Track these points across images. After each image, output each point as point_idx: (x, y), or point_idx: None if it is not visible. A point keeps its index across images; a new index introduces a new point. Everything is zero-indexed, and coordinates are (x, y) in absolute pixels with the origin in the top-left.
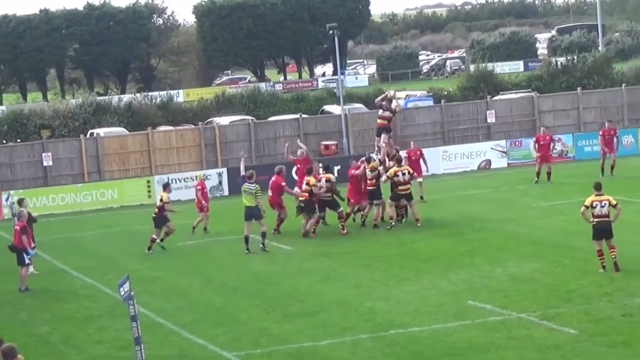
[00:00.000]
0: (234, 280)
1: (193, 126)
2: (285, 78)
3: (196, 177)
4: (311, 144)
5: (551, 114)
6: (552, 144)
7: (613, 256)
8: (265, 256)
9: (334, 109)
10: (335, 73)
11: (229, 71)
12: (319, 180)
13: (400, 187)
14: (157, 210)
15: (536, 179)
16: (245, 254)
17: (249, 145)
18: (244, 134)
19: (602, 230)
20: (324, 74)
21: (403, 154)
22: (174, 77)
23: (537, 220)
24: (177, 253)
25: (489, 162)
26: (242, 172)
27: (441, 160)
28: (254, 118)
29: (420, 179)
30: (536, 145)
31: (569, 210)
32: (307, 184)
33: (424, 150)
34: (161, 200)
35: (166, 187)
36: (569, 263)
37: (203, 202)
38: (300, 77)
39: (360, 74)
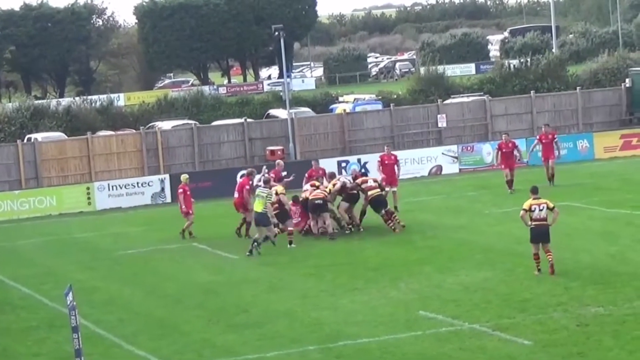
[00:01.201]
0: (177, 290)
1: (134, 131)
2: (229, 81)
3: (181, 180)
4: (256, 149)
5: (504, 118)
6: (515, 150)
7: (550, 259)
8: (210, 265)
9: (280, 113)
10: (281, 76)
11: (172, 74)
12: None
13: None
14: (276, 204)
15: (509, 189)
16: (246, 255)
17: (192, 151)
18: (187, 139)
19: (540, 234)
20: (269, 77)
21: (376, 158)
22: (114, 80)
23: (489, 227)
24: (118, 262)
25: (440, 167)
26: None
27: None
28: (197, 122)
29: (394, 188)
30: (499, 153)
31: None
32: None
33: (370, 157)
34: (276, 193)
35: (267, 182)
36: (522, 271)
37: (183, 206)
38: (244, 80)
39: (307, 77)
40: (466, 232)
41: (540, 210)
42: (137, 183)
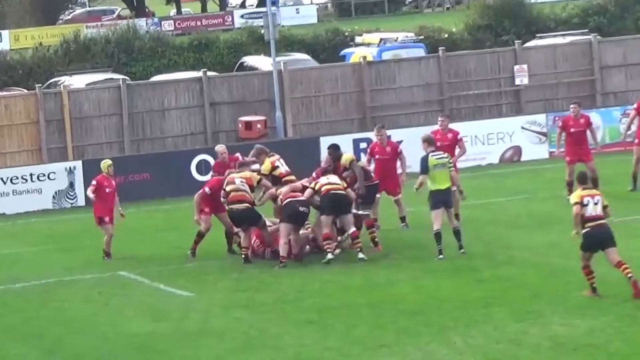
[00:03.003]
0: (94, 348)
1: (26, 91)
2: (178, 11)
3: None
4: (222, 121)
5: (620, 71)
6: (589, 131)
7: (628, 273)
8: (148, 307)
9: (261, 61)
10: (262, 3)
11: (86, 0)
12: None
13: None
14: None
15: (568, 194)
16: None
17: (119, 123)
18: (111, 105)
19: (601, 238)
20: (243, 4)
21: (415, 133)
22: None
23: None
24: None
25: (518, 149)
26: None
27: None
28: (127, 77)
29: (397, 197)
30: (563, 135)
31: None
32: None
33: (406, 133)
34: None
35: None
36: None
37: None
38: (203, 9)
39: (304, 4)
40: (560, 255)
41: (595, 204)
42: (31, 175)
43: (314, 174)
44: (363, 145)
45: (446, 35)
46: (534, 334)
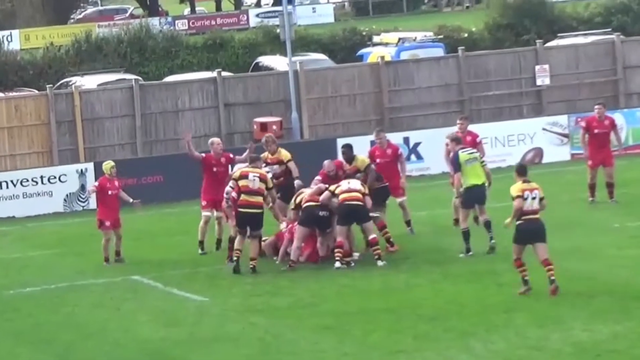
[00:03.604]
0: (107, 353)
1: (36, 92)
2: (192, 10)
3: None
4: (237, 122)
5: None
6: (614, 132)
7: (550, 274)
8: (161, 312)
9: (277, 62)
10: (277, 2)
11: None
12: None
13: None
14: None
15: (590, 197)
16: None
17: (132, 125)
18: (124, 105)
19: (532, 233)
20: (258, 4)
21: (432, 135)
22: (4, 10)
23: (619, 251)
24: (9, 307)
25: (539, 152)
26: None
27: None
28: (140, 78)
29: (401, 199)
30: (586, 137)
31: None
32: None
33: (424, 135)
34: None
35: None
36: None
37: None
38: (218, 9)
39: (321, 3)
40: (582, 260)
41: (533, 198)
42: (42, 178)
43: (318, 177)
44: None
45: (466, 35)
46: (556, 340)
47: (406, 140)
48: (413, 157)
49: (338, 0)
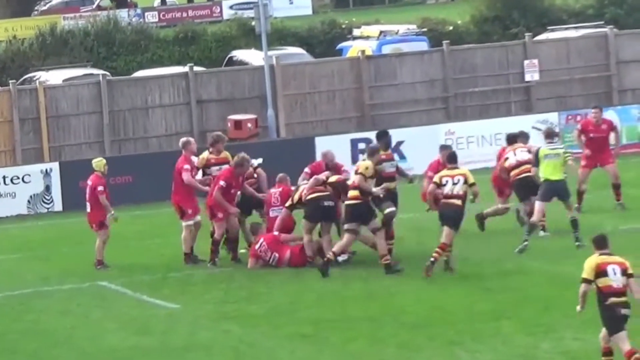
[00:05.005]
0: None
1: None
2: (163, 2)
3: None
4: (210, 120)
5: (639, 66)
6: (612, 135)
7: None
8: (131, 320)
9: (252, 56)
10: None
11: None
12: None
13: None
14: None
15: (577, 203)
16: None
17: (99, 122)
18: (91, 102)
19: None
20: None
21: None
22: None
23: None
24: None
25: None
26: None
27: None
28: (108, 73)
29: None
30: (582, 137)
31: None
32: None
33: (407, 133)
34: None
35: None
36: None
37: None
38: (190, 0)
39: None
40: (574, 264)
41: (455, 184)
42: (4, 178)
43: (306, 170)
44: (362, 145)
45: (451, 28)
46: (546, 349)
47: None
48: (396, 156)
49: None
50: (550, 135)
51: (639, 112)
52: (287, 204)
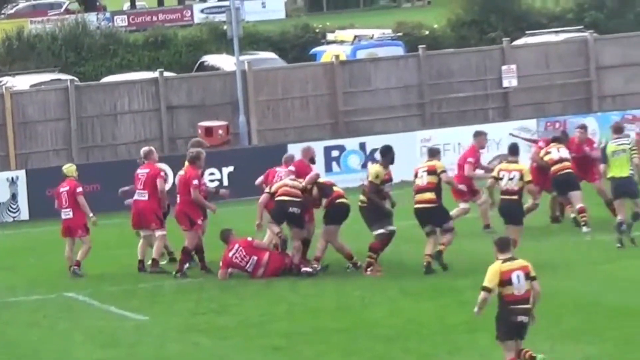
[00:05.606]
0: None
1: None
2: (133, 5)
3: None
4: (181, 126)
5: (620, 72)
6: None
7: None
8: (98, 332)
9: (223, 61)
10: None
11: None
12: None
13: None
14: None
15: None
16: None
17: (67, 129)
18: (58, 108)
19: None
20: None
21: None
22: None
23: (592, 266)
24: None
25: (506, 159)
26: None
27: (419, 154)
28: (76, 78)
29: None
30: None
31: None
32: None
33: (382, 140)
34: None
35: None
36: None
37: (69, 215)
38: (160, 3)
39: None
40: (551, 275)
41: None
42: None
43: (291, 168)
44: (335, 153)
45: (427, 33)
46: None
47: (362, 146)
48: (370, 164)
49: None
50: (617, 130)
51: (619, 119)
52: (267, 190)
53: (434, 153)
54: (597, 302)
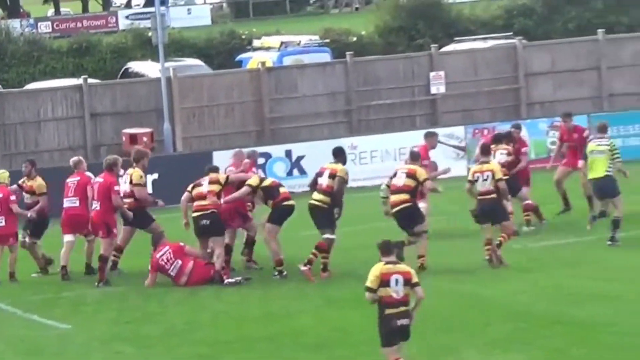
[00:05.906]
0: None
1: None
2: (57, 11)
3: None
4: (105, 134)
5: (548, 79)
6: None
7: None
8: (21, 341)
9: (148, 67)
10: (149, 2)
11: None
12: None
13: None
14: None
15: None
16: None
17: None
18: None
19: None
20: (128, 4)
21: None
22: None
23: (521, 274)
24: None
25: (434, 166)
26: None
27: (347, 161)
28: None
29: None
30: (561, 147)
31: (583, 256)
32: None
33: (308, 147)
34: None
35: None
36: (585, 354)
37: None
38: (85, 9)
39: (197, 4)
40: (477, 282)
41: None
42: None
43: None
44: (261, 160)
45: (354, 39)
46: None
47: (288, 153)
48: (296, 171)
49: (215, 0)
50: (601, 129)
51: (548, 126)
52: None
53: (415, 157)
54: (526, 311)
